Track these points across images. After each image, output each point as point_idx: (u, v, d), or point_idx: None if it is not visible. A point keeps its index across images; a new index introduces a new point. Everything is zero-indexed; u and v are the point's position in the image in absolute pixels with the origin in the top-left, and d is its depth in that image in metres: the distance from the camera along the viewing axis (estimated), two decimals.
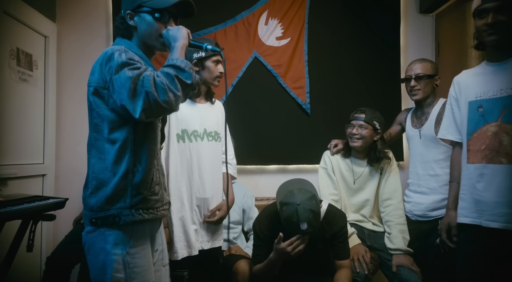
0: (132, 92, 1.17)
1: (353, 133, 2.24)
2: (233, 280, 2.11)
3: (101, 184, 1.30)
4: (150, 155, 1.33)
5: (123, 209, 1.28)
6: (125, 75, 1.18)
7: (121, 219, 1.28)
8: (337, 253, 2.01)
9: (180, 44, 1.29)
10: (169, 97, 1.17)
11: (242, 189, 2.60)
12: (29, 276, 2.50)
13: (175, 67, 1.21)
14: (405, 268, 2.10)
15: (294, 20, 2.99)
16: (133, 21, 1.36)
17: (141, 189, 1.31)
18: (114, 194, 1.28)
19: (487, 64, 1.62)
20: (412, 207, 2.25)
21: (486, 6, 1.50)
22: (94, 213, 1.30)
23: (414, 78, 2.18)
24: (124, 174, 1.29)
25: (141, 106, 1.16)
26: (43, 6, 2.76)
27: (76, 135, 2.92)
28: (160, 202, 1.39)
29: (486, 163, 1.55)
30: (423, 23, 3.11)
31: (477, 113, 1.59)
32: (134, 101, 1.17)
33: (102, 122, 1.31)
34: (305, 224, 1.77)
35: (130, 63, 1.22)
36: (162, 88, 1.16)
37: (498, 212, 1.49)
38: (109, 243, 1.29)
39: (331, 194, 2.30)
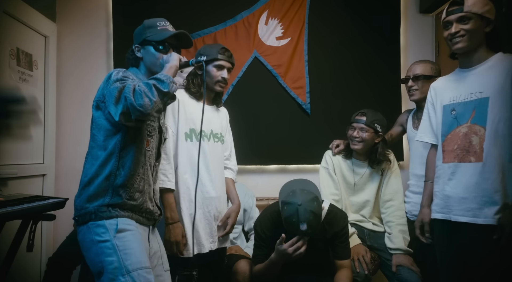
0: (116, 99, 1.34)
1: (354, 136, 2.24)
2: (233, 280, 2.11)
3: (87, 184, 1.45)
4: (135, 162, 1.47)
5: (100, 206, 1.42)
6: (114, 87, 1.37)
7: (97, 215, 1.40)
8: (337, 253, 2.01)
9: (169, 65, 1.49)
10: (144, 101, 1.31)
11: (243, 188, 2.60)
12: (29, 276, 2.50)
13: (156, 79, 1.38)
14: (405, 268, 2.10)
15: (294, 20, 2.99)
16: (140, 53, 1.63)
17: (120, 191, 1.44)
18: (95, 193, 1.43)
19: (459, 70, 1.77)
20: (411, 207, 2.25)
21: (449, 18, 1.67)
22: (77, 212, 1.45)
23: (412, 78, 2.18)
24: (107, 175, 1.43)
25: (121, 109, 1.32)
26: (43, 6, 2.76)
27: (76, 135, 2.92)
28: (137, 208, 1.50)
29: (458, 162, 1.68)
30: (423, 23, 3.11)
31: (451, 116, 1.72)
32: (116, 106, 1.34)
33: (98, 132, 1.47)
34: (305, 225, 1.77)
35: (123, 79, 1.42)
36: (139, 94, 1.31)
37: (465, 207, 1.62)
38: (96, 233, 1.40)
39: (332, 194, 2.30)
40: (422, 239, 1.85)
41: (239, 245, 2.45)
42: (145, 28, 1.63)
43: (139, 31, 1.65)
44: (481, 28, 1.64)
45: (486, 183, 1.59)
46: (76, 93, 2.95)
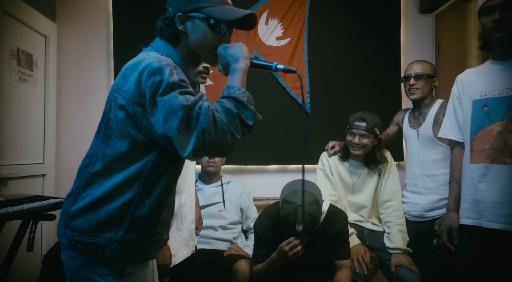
0: (185, 124, 0.95)
1: (355, 143, 2.23)
2: (233, 280, 2.11)
3: (95, 203, 1.06)
4: (165, 190, 1.12)
5: (112, 241, 1.06)
6: (178, 101, 0.96)
7: (106, 252, 1.05)
8: (337, 253, 2.01)
9: (243, 66, 1.10)
10: (227, 141, 0.97)
11: (239, 187, 2.60)
12: (29, 276, 2.50)
13: (237, 102, 1.01)
14: (404, 268, 2.10)
15: (294, 20, 2.99)
16: (184, 26, 1.14)
17: (141, 226, 1.09)
18: (107, 220, 1.06)
19: (492, 62, 1.59)
20: (409, 207, 2.26)
21: (492, 3, 1.48)
22: (77, 235, 1.07)
23: (413, 77, 2.18)
24: (127, 202, 1.06)
25: (193, 144, 0.95)
26: (43, 6, 2.76)
27: (76, 135, 2.92)
28: (155, 244, 1.16)
29: (490, 163, 1.51)
30: (423, 23, 3.11)
31: (482, 112, 1.55)
32: (186, 137, 0.96)
33: (120, 139, 1.06)
34: (301, 226, 1.77)
35: (182, 85, 1.00)
36: (222, 129, 0.96)
37: (500, 213, 1.47)
38: (98, 273, 1.07)
39: (330, 195, 2.31)
40: (450, 246, 1.71)
41: (239, 245, 2.46)
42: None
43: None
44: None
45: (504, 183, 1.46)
46: (76, 93, 2.95)
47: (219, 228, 2.43)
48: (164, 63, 1.02)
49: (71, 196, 1.12)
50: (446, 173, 2.07)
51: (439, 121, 2.11)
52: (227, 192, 2.53)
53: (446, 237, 1.72)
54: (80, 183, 1.11)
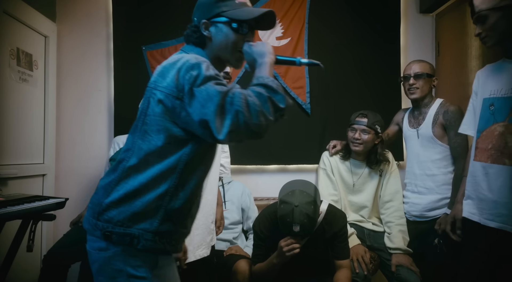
0: (221, 108, 1.01)
1: (355, 138, 2.23)
2: (233, 280, 2.11)
3: (129, 195, 1.11)
4: (197, 183, 1.17)
5: (147, 232, 1.10)
6: (214, 89, 1.03)
7: (140, 242, 1.09)
8: (337, 253, 2.01)
9: (270, 60, 1.15)
10: (261, 122, 1.02)
11: (240, 188, 2.60)
12: (29, 276, 2.50)
13: (268, 88, 1.06)
14: (404, 268, 2.10)
15: (294, 20, 2.98)
16: (208, 31, 1.22)
17: (174, 217, 1.14)
18: (142, 212, 1.10)
19: (504, 61, 1.59)
20: (409, 207, 2.26)
21: (474, 18, 1.54)
22: (111, 226, 1.10)
23: (413, 76, 2.19)
24: (162, 194, 1.11)
25: (229, 126, 1.00)
26: (43, 6, 2.75)
27: (76, 135, 2.91)
28: (184, 236, 1.23)
29: (491, 163, 1.53)
30: (423, 23, 3.11)
31: (488, 111, 1.56)
32: (222, 120, 1.01)
33: (156, 133, 1.11)
34: (297, 226, 1.77)
35: (217, 78, 1.07)
36: (255, 110, 1.01)
37: (496, 212, 1.50)
38: (131, 264, 1.10)
39: (331, 194, 2.31)
40: (453, 236, 1.77)
41: (239, 245, 2.46)
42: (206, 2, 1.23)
43: (207, 1, 1.24)
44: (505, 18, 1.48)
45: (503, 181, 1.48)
46: (76, 93, 2.95)
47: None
48: (201, 60, 1.10)
49: (103, 188, 1.15)
50: (446, 172, 2.09)
51: (438, 120, 2.12)
52: (228, 192, 2.53)
53: (449, 227, 1.78)
54: (114, 176, 1.14)
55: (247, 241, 2.51)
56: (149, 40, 2.91)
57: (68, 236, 2.38)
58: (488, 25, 1.50)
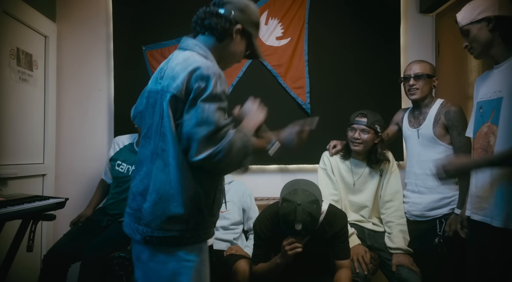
0: (210, 137, 1.13)
1: (355, 138, 2.23)
2: (233, 280, 2.11)
3: (162, 199, 1.19)
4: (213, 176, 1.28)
5: (185, 232, 1.20)
6: (214, 117, 1.14)
7: (182, 241, 1.20)
8: (337, 253, 2.01)
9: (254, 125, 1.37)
10: (227, 170, 1.21)
11: (241, 188, 2.60)
12: (29, 276, 2.50)
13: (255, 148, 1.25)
14: (405, 268, 2.10)
15: (294, 20, 2.98)
16: (235, 35, 1.33)
17: (204, 211, 1.24)
18: (178, 214, 1.19)
19: (495, 66, 1.70)
20: (410, 207, 2.26)
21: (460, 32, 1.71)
22: (150, 230, 1.19)
23: (413, 77, 2.19)
24: (190, 193, 1.20)
25: (207, 156, 1.13)
26: (43, 6, 2.76)
27: (76, 135, 2.91)
28: (214, 223, 1.33)
29: None
30: (423, 23, 3.11)
31: (479, 114, 1.69)
32: (205, 147, 1.13)
33: (170, 134, 1.20)
34: (300, 225, 1.78)
35: (221, 99, 1.18)
36: (230, 160, 1.15)
37: (479, 206, 1.62)
38: (182, 251, 1.20)
39: (331, 194, 2.31)
40: (462, 234, 1.87)
41: (239, 245, 2.45)
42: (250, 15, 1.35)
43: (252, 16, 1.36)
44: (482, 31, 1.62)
45: (487, 179, 1.57)
46: (76, 93, 2.95)
47: (220, 228, 2.43)
48: (212, 72, 1.18)
49: (141, 195, 1.23)
50: None
51: (440, 121, 2.12)
52: (229, 192, 2.52)
53: (459, 226, 1.89)
54: (148, 181, 1.22)
55: (248, 241, 2.51)
56: (149, 40, 2.91)
57: (68, 236, 2.38)
58: (471, 37, 1.65)
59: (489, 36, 1.62)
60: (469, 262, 1.71)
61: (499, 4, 1.60)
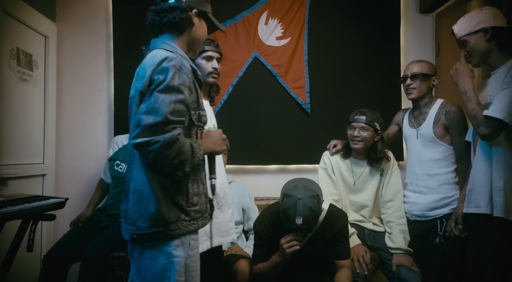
0: (154, 125, 1.14)
1: (354, 136, 2.24)
2: (233, 280, 2.10)
3: (142, 197, 1.24)
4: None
5: (169, 225, 1.23)
6: (165, 109, 1.15)
7: (168, 234, 1.23)
8: (338, 253, 2.01)
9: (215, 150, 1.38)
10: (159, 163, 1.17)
11: (241, 188, 2.60)
12: (29, 276, 2.50)
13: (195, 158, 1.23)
14: (405, 268, 2.10)
15: (294, 20, 2.99)
16: (195, 20, 1.37)
17: (179, 202, 1.26)
18: (155, 211, 1.23)
19: (491, 73, 1.81)
20: (410, 207, 2.26)
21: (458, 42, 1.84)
22: (136, 229, 1.25)
23: (410, 77, 2.20)
24: (160, 187, 1.24)
25: (141, 141, 1.14)
26: (43, 6, 2.76)
27: (76, 135, 2.91)
28: (200, 213, 1.33)
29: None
30: (423, 23, 3.11)
31: None
32: (145, 132, 1.14)
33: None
34: (300, 219, 1.78)
35: (179, 91, 1.19)
36: (164, 156, 1.14)
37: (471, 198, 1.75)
38: (171, 244, 1.24)
39: (332, 194, 2.31)
40: (455, 231, 1.96)
41: (239, 245, 2.45)
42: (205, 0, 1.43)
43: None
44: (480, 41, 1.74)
45: (478, 174, 1.72)
46: (76, 93, 2.95)
47: None
48: (172, 64, 1.21)
49: (126, 196, 1.31)
50: (448, 172, 2.11)
51: (440, 121, 2.12)
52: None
53: (453, 224, 1.98)
54: (129, 181, 1.29)
55: (248, 241, 2.51)
56: (149, 40, 2.89)
57: (68, 236, 2.38)
58: (469, 47, 1.77)
59: (486, 46, 1.73)
60: (470, 260, 1.76)
61: (494, 15, 1.72)
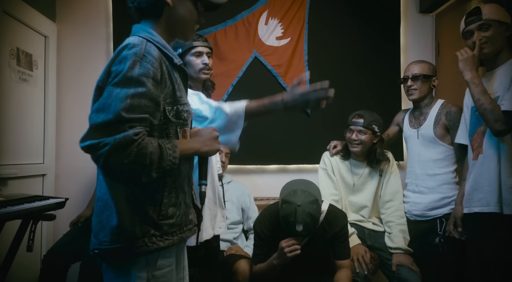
0: (104, 125, 0.96)
1: (352, 139, 2.24)
2: (233, 280, 2.11)
3: (105, 207, 1.05)
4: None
5: (133, 241, 1.02)
6: (119, 106, 0.95)
7: (132, 251, 1.02)
8: (337, 253, 2.01)
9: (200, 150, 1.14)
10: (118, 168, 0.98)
11: (240, 188, 2.60)
12: (29, 276, 2.50)
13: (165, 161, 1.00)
14: (405, 268, 2.10)
15: (294, 20, 2.99)
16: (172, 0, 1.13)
17: (149, 214, 1.05)
18: (119, 223, 1.02)
19: (486, 74, 1.82)
20: (410, 207, 2.26)
21: (470, 27, 1.75)
22: (98, 242, 1.06)
23: (411, 78, 2.20)
24: (124, 196, 1.03)
25: (88, 144, 0.98)
26: (43, 6, 2.75)
27: (76, 135, 2.86)
28: (177, 226, 1.11)
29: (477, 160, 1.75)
30: (423, 23, 3.11)
31: (474, 116, 1.77)
32: (93, 133, 0.97)
33: None
34: (301, 226, 1.78)
35: (140, 84, 0.99)
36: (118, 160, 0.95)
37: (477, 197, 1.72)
38: (133, 264, 1.05)
39: (332, 194, 2.31)
40: (455, 234, 1.94)
41: (239, 245, 2.46)
42: None
43: None
44: (501, 33, 1.72)
45: (486, 172, 1.68)
46: (76, 93, 2.95)
47: None
48: (132, 52, 1.02)
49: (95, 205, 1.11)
50: (448, 172, 2.11)
51: (441, 121, 2.13)
52: (227, 192, 2.52)
53: (452, 227, 1.96)
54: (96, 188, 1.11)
55: (247, 241, 2.51)
56: None
57: (68, 236, 2.38)
58: (490, 33, 1.71)
59: (503, 40, 1.73)
60: (470, 259, 1.76)
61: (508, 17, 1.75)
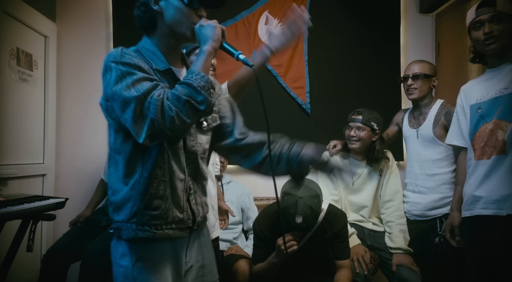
0: (138, 114, 1.03)
1: (351, 136, 2.24)
2: (233, 280, 2.11)
3: (114, 193, 1.19)
4: (154, 164, 1.14)
5: (123, 223, 1.16)
6: (129, 94, 1.03)
7: (123, 233, 1.17)
8: (337, 253, 2.01)
9: (209, 49, 1.11)
10: (175, 126, 1.03)
11: (239, 188, 2.60)
12: (29, 276, 2.50)
13: (191, 88, 1.04)
14: (405, 268, 2.10)
15: None
16: (158, 6, 1.16)
17: (139, 201, 1.14)
18: (120, 205, 1.17)
19: (488, 71, 1.75)
20: (410, 207, 2.26)
21: (481, 18, 1.64)
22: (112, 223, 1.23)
23: (411, 77, 2.20)
24: (133, 184, 1.14)
25: (145, 132, 1.03)
26: (43, 6, 2.76)
27: (76, 135, 2.91)
28: (161, 219, 1.16)
29: (486, 159, 1.65)
30: (423, 23, 3.11)
31: (477, 114, 1.72)
32: (139, 125, 1.04)
33: (111, 132, 1.18)
34: (300, 217, 1.78)
35: (130, 72, 1.06)
36: (169, 116, 1.01)
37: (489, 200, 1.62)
38: (118, 253, 1.20)
39: (331, 194, 2.31)
40: (453, 243, 1.87)
41: (239, 245, 2.46)
42: None
43: None
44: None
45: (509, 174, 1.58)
46: (76, 93, 2.95)
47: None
48: (110, 59, 1.09)
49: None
50: (447, 172, 2.11)
51: (440, 121, 2.13)
52: (227, 192, 2.53)
53: (449, 234, 1.89)
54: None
55: (247, 241, 2.51)
56: None
57: (68, 236, 2.38)
58: (501, 27, 1.61)
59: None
60: (468, 262, 1.73)
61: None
